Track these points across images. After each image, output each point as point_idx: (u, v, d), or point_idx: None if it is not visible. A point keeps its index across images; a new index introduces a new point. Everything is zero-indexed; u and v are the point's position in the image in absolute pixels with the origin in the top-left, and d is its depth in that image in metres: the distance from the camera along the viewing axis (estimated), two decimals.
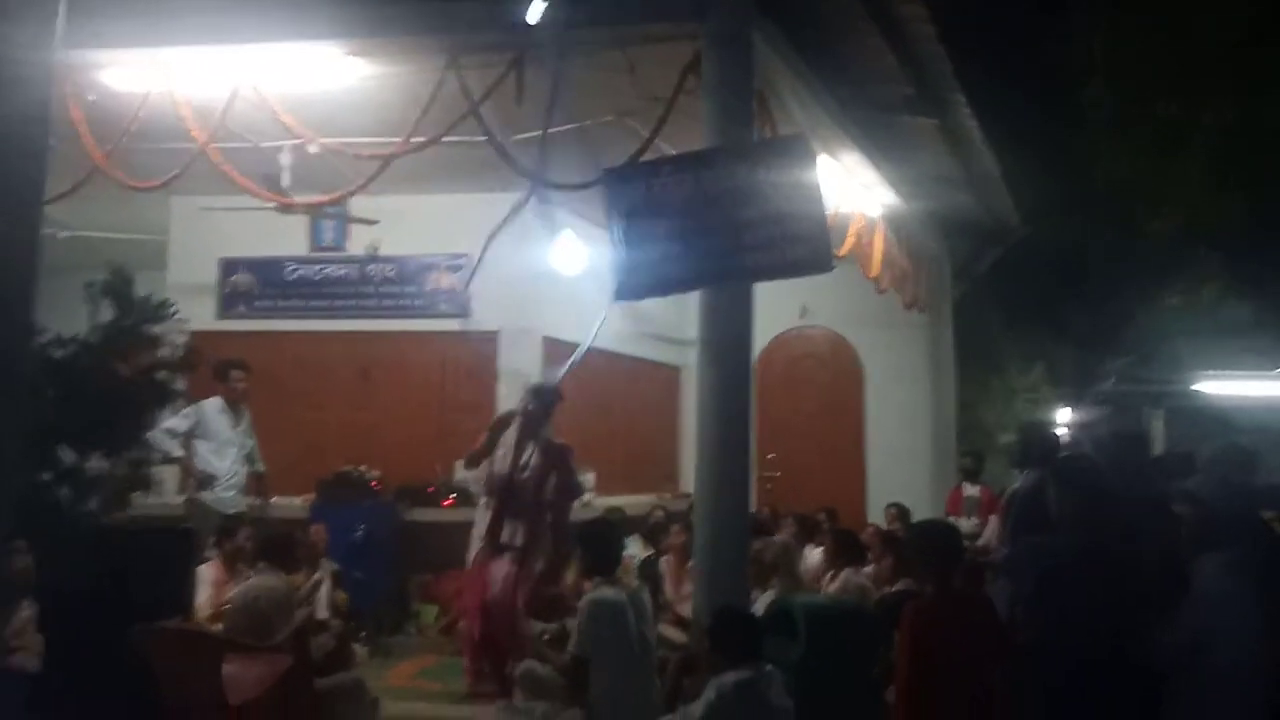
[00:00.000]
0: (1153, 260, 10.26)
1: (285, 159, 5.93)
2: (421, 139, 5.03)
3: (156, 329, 3.57)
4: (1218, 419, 9.35)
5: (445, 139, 5.04)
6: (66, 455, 3.39)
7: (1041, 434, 4.73)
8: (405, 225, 7.61)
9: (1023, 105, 8.87)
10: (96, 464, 3.78)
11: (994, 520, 7.71)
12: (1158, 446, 10.03)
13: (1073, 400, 11.50)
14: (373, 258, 7.69)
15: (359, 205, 7.34)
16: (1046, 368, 12.50)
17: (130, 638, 4.13)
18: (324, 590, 5.82)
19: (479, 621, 5.25)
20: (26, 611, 4.90)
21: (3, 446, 2.23)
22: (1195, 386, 9.77)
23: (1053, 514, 3.48)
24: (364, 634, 5.93)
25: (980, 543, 7.49)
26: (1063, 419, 8.34)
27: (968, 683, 3.31)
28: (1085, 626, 3.13)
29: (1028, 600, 3.29)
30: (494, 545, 5.29)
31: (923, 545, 3.65)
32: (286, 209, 6.18)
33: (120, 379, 3.48)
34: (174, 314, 3.64)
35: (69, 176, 5.23)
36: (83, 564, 3.97)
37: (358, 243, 7.74)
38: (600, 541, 4.71)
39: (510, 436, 5.48)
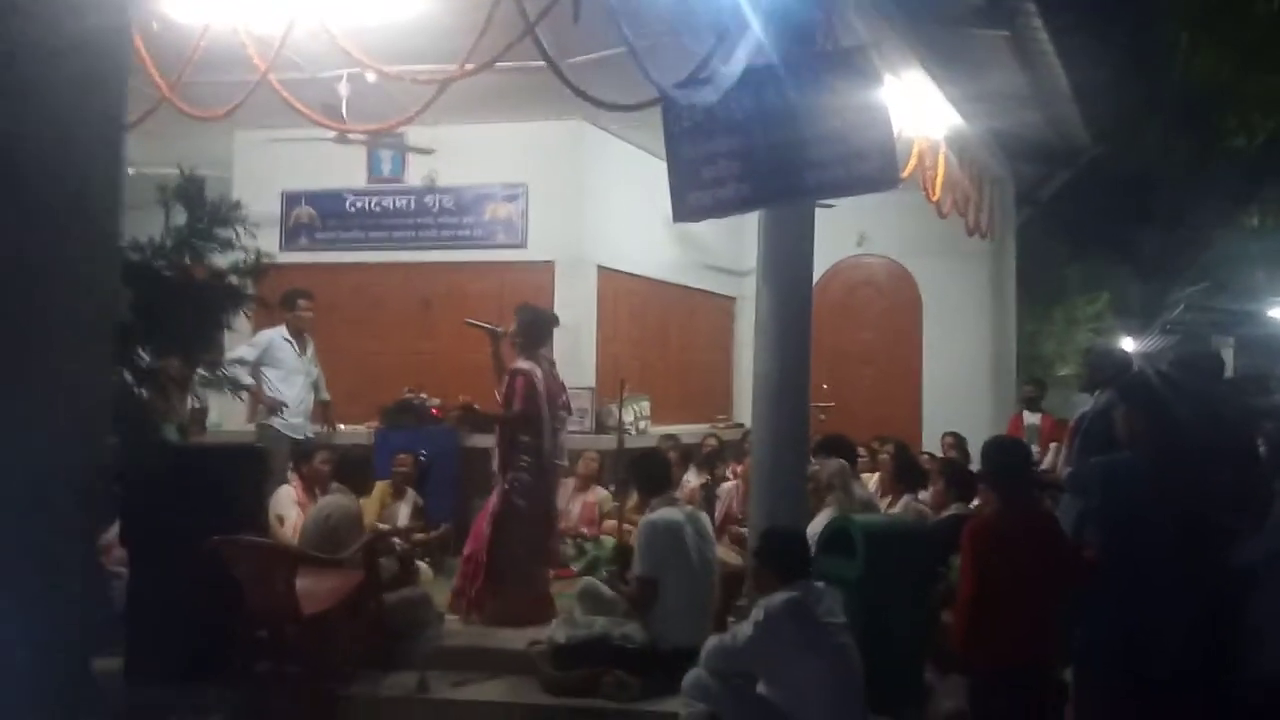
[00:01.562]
0: (1232, 179, 9.79)
1: (344, 89, 5.95)
2: (477, 64, 4.98)
3: (228, 232, 3.65)
4: None
5: (501, 64, 4.99)
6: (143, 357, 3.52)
7: (1110, 356, 4.62)
8: (462, 155, 7.63)
9: (1101, 9, 8.43)
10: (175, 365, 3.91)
11: (1054, 446, 7.63)
12: (1228, 373, 9.75)
13: (1138, 330, 11.20)
14: (430, 189, 7.72)
15: (416, 136, 7.37)
16: (1112, 297, 12.16)
17: (211, 549, 4.33)
18: (404, 516, 6.04)
19: (469, 544, 5.33)
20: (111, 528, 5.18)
21: (99, 368, 2.29)
22: (1269, 313, 9.43)
23: (1119, 433, 3.42)
24: (428, 556, 6.12)
25: (1042, 468, 7.43)
26: (1135, 348, 8.15)
27: (1031, 597, 3.31)
28: (1155, 539, 3.10)
29: (1096, 515, 3.25)
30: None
31: (994, 460, 3.62)
32: (346, 138, 6.21)
33: (195, 281, 3.59)
34: (246, 218, 3.70)
35: (133, 109, 5.31)
36: (164, 475, 4.15)
37: (415, 174, 7.78)
38: (648, 467, 4.83)
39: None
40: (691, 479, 7.05)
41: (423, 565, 5.90)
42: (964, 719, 3.77)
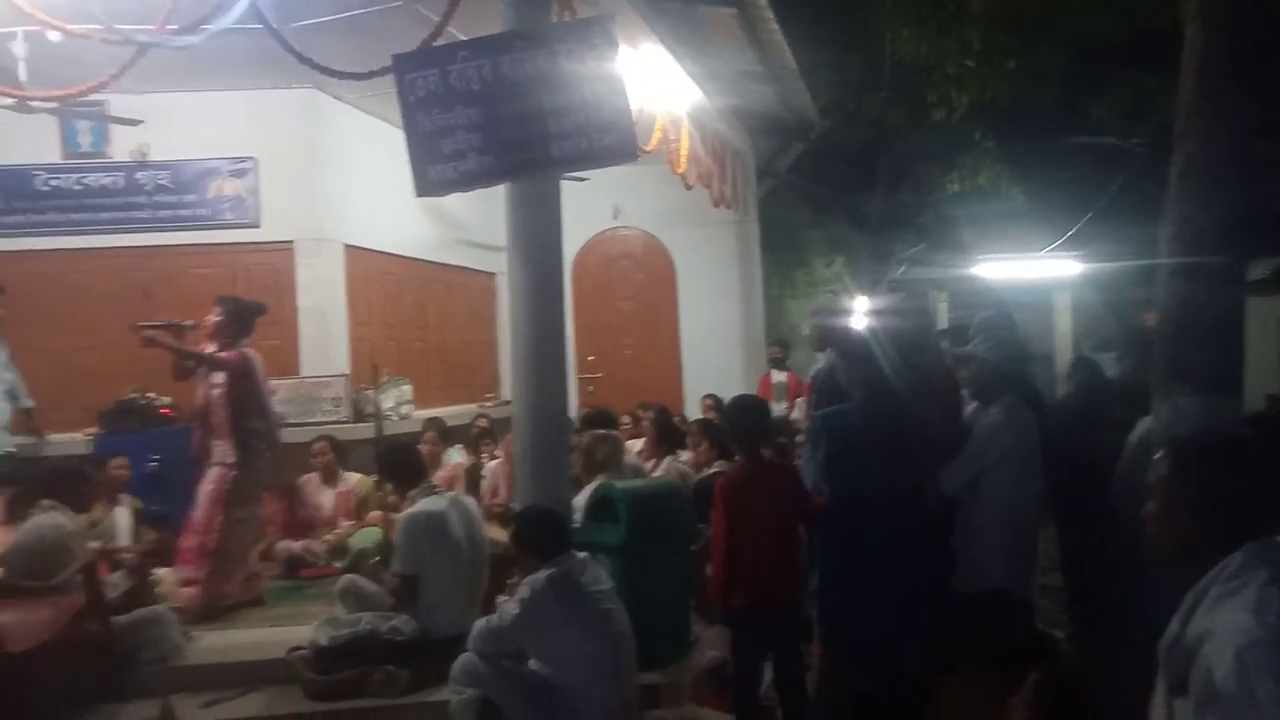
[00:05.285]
0: (938, 147, 10.94)
1: (19, 49, 5.18)
2: (182, 25, 4.49)
3: None
4: (992, 298, 10.29)
5: (210, 26, 4.53)
6: None
7: (830, 315, 5.01)
8: (177, 127, 6.91)
9: None
10: None
11: (800, 402, 8.22)
12: (942, 324, 10.96)
13: (868, 288, 12.26)
14: (141, 163, 6.94)
15: (120, 105, 6.58)
16: (847, 259, 13.22)
17: None
18: (124, 525, 5.46)
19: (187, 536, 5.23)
20: None
21: None
22: (973, 270, 10.66)
23: (843, 386, 3.71)
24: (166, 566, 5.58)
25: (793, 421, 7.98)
26: (860, 306, 8.93)
27: (773, 541, 3.54)
28: (873, 480, 3.40)
29: (823, 464, 3.51)
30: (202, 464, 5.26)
31: (735, 417, 3.82)
32: (29, 106, 5.41)
33: None
34: None
35: None
36: None
37: (121, 148, 6.96)
38: (398, 459, 4.71)
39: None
40: (456, 458, 6.91)
41: (164, 571, 5.37)
42: (725, 665, 3.97)
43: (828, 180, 12.25)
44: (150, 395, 6.34)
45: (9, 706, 3.93)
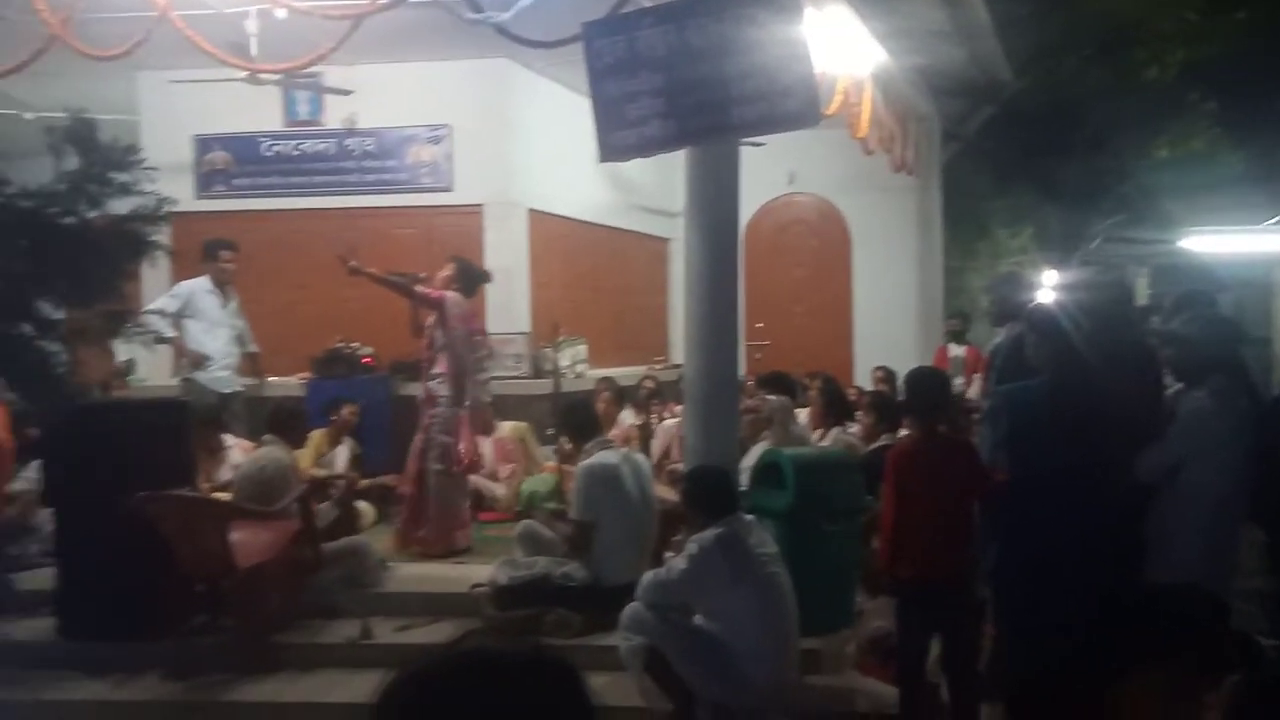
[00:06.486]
0: (1145, 110, 10.05)
1: (252, 25, 5.72)
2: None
3: (125, 176, 3.49)
4: (1201, 275, 9.43)
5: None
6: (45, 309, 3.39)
7: (1014, 287, 4.76)
8: (383, 97, 7.40)
9: None
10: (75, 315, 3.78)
11: (977, 378, 7.88)
12: (1141, 301, 10.14)
13: (1059, 262, 11.54)
14: (351, 131, 7.50)
15: (333, 77, 7.12)
16: (1035, 230, 12.47)
17: (135, 504, 4.25)
18: (342, 462, 6.01)
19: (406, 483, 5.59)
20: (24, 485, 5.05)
21: None
22: (1181, 244, 9.79)
23: (1031, 361, 3.56)
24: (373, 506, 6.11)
25: (968, 398, 7.68)
26: (1048, 280, 8.40)
27: (945, 515, 3.46)
28: (1057, 461, 3.26)
29: (1004, 442, 3.39)
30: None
31: (913, 388, 3.76)
32: (257, 78, 5.98)
33: (90, 227, 3.43)
34: (142, 162, 3.54)
35: (24, 47, 5.06)
36: (83, 432, 4.03)
37: (334, 117, 7.53)
38: (575, 415, 4.99)
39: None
40: (629, 419, 7.10)
41: (364, 505, 5.90)
42: (890, 637, 3.94)
43: (1015, 146, 11.54)
44: (355, 345, 6.91)
45: (238, 613, 4.47)
